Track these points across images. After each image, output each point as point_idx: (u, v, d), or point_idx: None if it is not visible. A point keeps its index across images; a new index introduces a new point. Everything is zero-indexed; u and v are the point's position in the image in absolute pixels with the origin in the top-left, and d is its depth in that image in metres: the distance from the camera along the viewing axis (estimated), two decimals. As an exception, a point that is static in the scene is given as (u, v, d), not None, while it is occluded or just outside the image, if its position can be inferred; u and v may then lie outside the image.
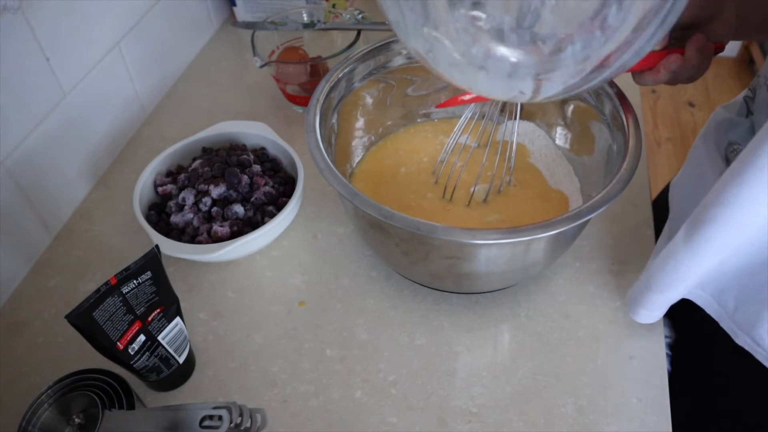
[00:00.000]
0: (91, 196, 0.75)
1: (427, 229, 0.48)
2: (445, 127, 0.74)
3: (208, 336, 0.61)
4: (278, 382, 0.57)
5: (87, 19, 0.71)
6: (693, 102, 2.35)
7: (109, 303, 0.46)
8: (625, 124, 0.56)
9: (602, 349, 0.58)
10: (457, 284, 0.60)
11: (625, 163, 0.53)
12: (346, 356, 0.59)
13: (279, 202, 0.66)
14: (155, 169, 0.68)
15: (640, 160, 0.53)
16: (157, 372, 0.53)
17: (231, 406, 0.44)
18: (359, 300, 0.63)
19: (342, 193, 0.52)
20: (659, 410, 0.54)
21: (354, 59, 0.65)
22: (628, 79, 0.54)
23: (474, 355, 0.59)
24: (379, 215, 0.49)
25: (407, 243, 0.54)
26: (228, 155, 0.68)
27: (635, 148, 0.54)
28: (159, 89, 0.89)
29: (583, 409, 0.54)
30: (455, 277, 0.58)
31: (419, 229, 0.48)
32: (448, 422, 0.54)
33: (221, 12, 1.04)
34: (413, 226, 0.48)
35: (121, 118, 0.81)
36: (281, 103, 0.86)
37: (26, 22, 0.61)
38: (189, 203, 0.65)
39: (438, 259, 0.55)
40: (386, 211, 0.49)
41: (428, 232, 0.48)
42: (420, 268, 0.58)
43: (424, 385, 0.56)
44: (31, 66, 0.63)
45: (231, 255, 0.63)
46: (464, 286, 0.60)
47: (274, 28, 0.84)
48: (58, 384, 0.48)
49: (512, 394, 0.55)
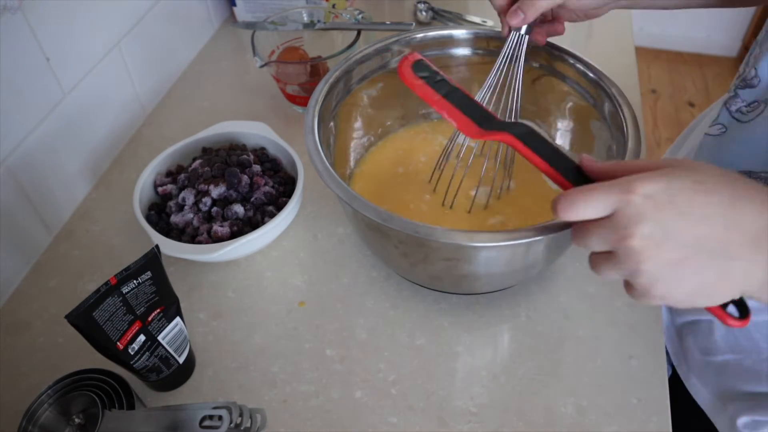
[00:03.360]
0: (91, 196, 0.75)
1: (426, 231, 0.48)
2: (444, 127, 0.74)
3: (208, 336, 0.61)
4: (278, 382, 0.57)
5: (87, 19, 0.71)
6: (693, 102, 2.35)
7: (109, 303, 0.46)
8: (625, 124, 0.56)
9: (602, 349, 0.58)
10: (456, 285, 0.60)
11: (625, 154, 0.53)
12: (346, 356, 0.59)
13: (279, 202, 0.66)
14: (155, 169, 0.68)
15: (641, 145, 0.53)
16: (157, 372, 0.53)
17: (231, 406, 0.44)
18: (359, 300, 0.63)
19: (341, 197, 0.52)
20: (659, 410, 0.54)
21: (354, 59, 0.65)
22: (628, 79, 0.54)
23: (474, 355, 0.59)
24: (378, 218, 0.49)
25: (406, 245, 0.54)
26: (228, 155, 0.68)
27: (635, 148, 0.54)
28: (159, 89, 0.89)
29: (583, 409, 0.54)
30: (454, 279, 0.58)
31: (418, 231, 0.48)
32: (448, 422, 0.54)
33: (221, 12, 1.04)
34: (412, 229, 0.48)
35: (121, 118, 0.81)
36: (281, 103, 0.86)
37: (26, 22, 0.61)
38: (189, 203, 0.65)
39: (437, 261, 0.55)
40: (385, 213, 0.49)
41: (427, 235, 0.48)
42: (419, 270, 0.58)
43: (424, 385, 0.56)
44: (31, 66, 0.63)
45: (231, 255, 0.63)
46: (464, 287, 0.60)
47: (274, 28, 0.84)
48: (58, 384, 0.48)
49: (512, 394, 0.55)
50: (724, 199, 0.34)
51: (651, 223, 0.33)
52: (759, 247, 0.33)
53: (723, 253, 0.34)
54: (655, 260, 0.34)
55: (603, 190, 0.35)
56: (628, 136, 0.55)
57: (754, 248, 0.33)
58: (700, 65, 2.52)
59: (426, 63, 0.52)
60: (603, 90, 0.60)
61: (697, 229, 0.33)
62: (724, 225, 0.33)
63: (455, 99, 0.50)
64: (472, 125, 0.49)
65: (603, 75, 0.61)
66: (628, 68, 0.90)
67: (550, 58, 0.65)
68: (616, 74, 0.62)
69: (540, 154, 0.44)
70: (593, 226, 0.36)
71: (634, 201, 0.33)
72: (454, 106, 0.49)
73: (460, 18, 0.99)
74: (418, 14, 1.00)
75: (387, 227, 0.49)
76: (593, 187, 0.36)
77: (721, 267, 0.34)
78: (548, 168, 0.43)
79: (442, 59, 0.70)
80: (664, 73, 2.48)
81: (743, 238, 0.33)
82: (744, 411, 0.57)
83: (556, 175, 0.43)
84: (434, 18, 1.00)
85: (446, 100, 0.50)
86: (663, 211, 0.33)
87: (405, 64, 0.51)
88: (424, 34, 0.68)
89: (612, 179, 0.36)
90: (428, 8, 1.01)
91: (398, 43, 0.67)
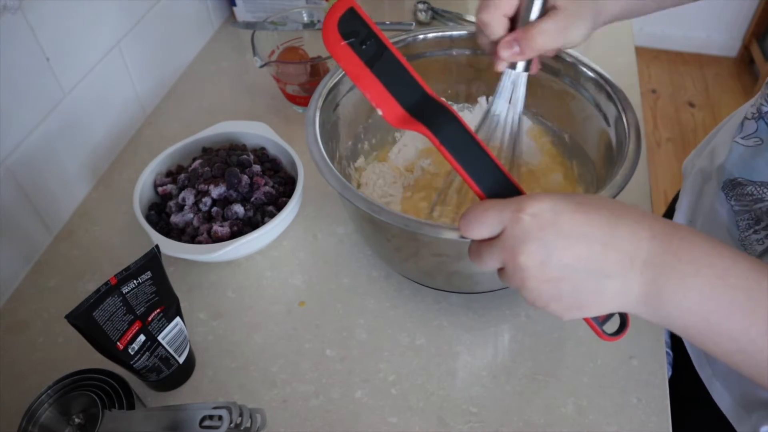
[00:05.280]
0: (91, 196, 0.75)
1: (414, 225, 0.48)
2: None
3: (208, 336, 0.61)
4: (278, 382, 0.57)
5: (87, 19, 0.71)
6: (693, 102, 2.35)
7: (109, 303, 0.46)
8: (626, 125, 0.56)
9: (602, 349, 0.58)
10: (449, 282, 0.60)
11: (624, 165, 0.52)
12: (346, 356, 0.59)
13: (279, 202, 0.66)
14: (155, 169, 0.68)
15: (639, 161, 0.53)
16: (157, 372, 0.53)
17: (231, 406, 0.44)
18: (359, 300, 0.63)
19: (334, 186, 0.52)
20: (659, 410, 0.54)
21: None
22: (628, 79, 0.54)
23: (474, 355, 0.59)
24: (369, 209, 0.49)
25: (398, 239, 0.54)
26: (228, 155, 0.68)
27: (635, 149, 0.54)
28: (159, 89, 0.89)
29: (583, 409, 0.54)
30: (446, 276, 0.58)
31: (407, 225, 0.48)
32: (448, 422, 0.54)
33: (221, 12, 1.04)
34: (401, 222, 0.48)
35: (121, 118, 0.81)
36: (281, 103, 0.86)
37: (26, 22, 0.61)
38: (189, 203, 0.65)
39: (428, 256, 0.55)
40: (375, 206, 0.49)
41: (415, 228, 0.48)
42: (411, 265, 0.58)
43: (424, 385, 0.56)
44: (31, 66, 0.63)
45: (231, 255, 0.63)
46: (457, 284, 0.60)
47: (274, 28, 0.84)
48: (58, 384, 0.48)
49: (512, 394, 0.55)
50: (604, 217, 0.36)
51: (536, 243, 0.36)
52: (633, 266, 0.35)
53: (599, 272, 0.36)
54: (537, 279, 0.36)
55: (496, 210, 0.37)
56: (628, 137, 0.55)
57: (628, 267, 0.35)
58: (700, 65, 2.52)
59: (357, 14, 0.40)
60: (603, 89, 0.60)
61: (577, 249, 0.35)
62: (602, 244, 0.35)
63: (382, 69, 0.40)
64: (395, 108, 0.40)
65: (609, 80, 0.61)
66: (628, 68, 0.90)
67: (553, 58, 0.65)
68: (616, 74, 0.62)
69: (457, 157, 0.39)
70: (486, 245, 0.38)
71: (523, 219, 0.35)
72: (378, 79, 0.40)
73: (460, 18, 0.99)
74: (418, 14, 1.00)
75: (378, 219, 0.49)
76: (487, 207, 0.37)
77: (598, 285, 0.36)
78: (463, 173, 0.39)
79: (443, 59, 0.70)
80: (664, 73, 2.48)
81: (619, 256, 0.35)
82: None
83: (471, 182, 0.39)
84: (434, 18, 1.00)
85: (370, 70, 0.40)
86: (546, 230, 0.35)
87: (330, 21, 0.39)
88: (424, 35, 0.68)
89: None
90: (428, 8, 1.01)
91: (398, 43, 0.67)
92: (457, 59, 0.70)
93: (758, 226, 0.55)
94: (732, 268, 0.35)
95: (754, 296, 0.34)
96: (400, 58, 0.40)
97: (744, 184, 0.56)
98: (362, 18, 0.39)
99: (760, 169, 0.55)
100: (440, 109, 0.40)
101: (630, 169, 0.52)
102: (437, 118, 0.40)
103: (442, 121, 0.39)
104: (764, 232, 0.54)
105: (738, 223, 0.57)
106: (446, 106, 0.41)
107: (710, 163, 0.65)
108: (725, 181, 0.59)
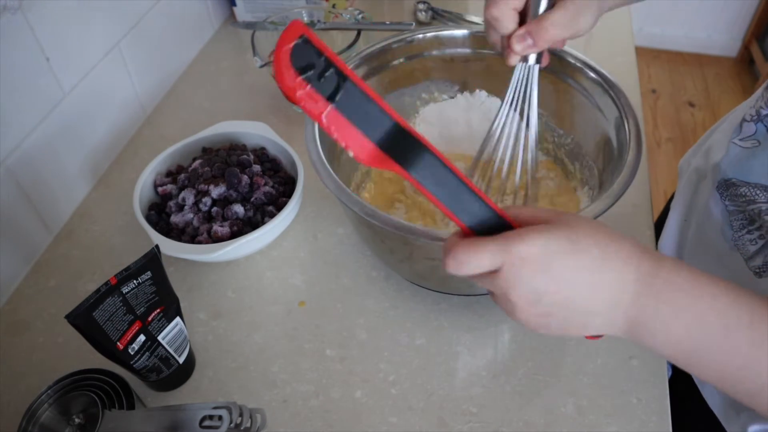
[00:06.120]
0: (91, 196, 0.75)
1: (406, 229, 0.48)
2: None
3: (208, 336, 0.61)
4: (278, 382, 0.57)
5: (87, 19, 0.71)
6: (693, 102, 2.35)
7: (109, 303, 0.46)
8: (626, 125, 0.56)
9: (602, 349, 0.58)
10: (444, 285, 0.60)
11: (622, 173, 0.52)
12: (346, 356, 0.59)
13: (279, 202, 0.66)
14: (155, 169, 0.68)
15: (640, 161, 0.53)
16: (157, 372, 0.53)
17: (231, 406, 0.44)
18: (359, 300, 0.63)
19: (330, 188, 0.52)
20: (659, 410, 0.54)
21: (354, 59, 0.65)
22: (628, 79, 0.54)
23: (474, 355, 0.59)
24: (362, 212, 0.49)
25: (392, 241, 0.55)
26: (228, 155, 0.68)
27: (635, 149, 0.54)
28: (159, 89, 0.89)
29: (583, 409, 0.54)
30: (439, 279, 0.58)
31: (399, 229, 0.48)
32: (448, 422, 0.54)
33: (221, 12, 1.04)
34: (393, 226, 0.48)
35: (121, 118, 0.81)
36: (281, 103, 0.86)
37: (26, 22, 0.61)
38: (189, 203, 0.65)
39: (421, 259, 0.55)
40: (369, 209, 0.49)
41: (407, 232, 0.48)
42: (405, 267, 0.59)
43: (424, 385, 0.56)
44: (31, 66, 0.63)
45: (231, 255, 0.63)
46: (451, 287, 0.60)
47: (274, 28, 0.84)
48: (58, 384, 0.48)
49: (512, 394, 0.55)
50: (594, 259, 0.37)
51: (527, 287, 0.37)
52: (618, 307, 0.37)
53: (586, 311, 0.38)
54: (527, 313, 0.38)
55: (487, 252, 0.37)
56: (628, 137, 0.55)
57: (613, 307, 0.37)
58: (700, 65, 2.52)
59: (310, 42, 0.34)
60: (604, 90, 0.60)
61: (566, 292, 0.37)
62: (591, 287, 0.37)
63: (345, 104, 0.35)
64: (365, 143, 0.36)
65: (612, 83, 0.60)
66: (628, 68, 0.90)
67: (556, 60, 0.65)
68: (616, 74, 0.62)
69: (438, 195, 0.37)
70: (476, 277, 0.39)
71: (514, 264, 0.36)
72: (343, 116, 0.35)
73: (460, 18, 0.99)
74: (418, 14, 1.00)
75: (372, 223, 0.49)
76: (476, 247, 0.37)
77: (585, 320, 0.38)
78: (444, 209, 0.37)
79: (443, 59, 0.70)
80: (664, 73, 2.48)
81: (605, 297, 0.37)
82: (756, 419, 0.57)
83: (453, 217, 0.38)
84: (434, 18, 1.00)
85: (334, 108, 0.35)
86: (538, 277, 0.36)
87: (282, 54, 0.33)
88: (424, 34, 0.68)
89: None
90: (428, 8, 1.01)
91: (398, 43, 0.67)
92: (457, 59, 0.70)
93: (752, 227, 0.55)
94: (711, 308, 0.36)
95: (731, 334, 0.36)
96: (363, 87, 0.36)
97: (738, 185, 0.56)
98: (316, 47, 0.34)
99: (754, 171, 0.55)
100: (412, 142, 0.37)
101: (629, 176, 0.52)
102: (408, 155, 0.36)
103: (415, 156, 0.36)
104: (757, 233, 0.55)
105: (732, 223, 0.57)
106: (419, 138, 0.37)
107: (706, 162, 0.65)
108: (720, 181, 0.59)
